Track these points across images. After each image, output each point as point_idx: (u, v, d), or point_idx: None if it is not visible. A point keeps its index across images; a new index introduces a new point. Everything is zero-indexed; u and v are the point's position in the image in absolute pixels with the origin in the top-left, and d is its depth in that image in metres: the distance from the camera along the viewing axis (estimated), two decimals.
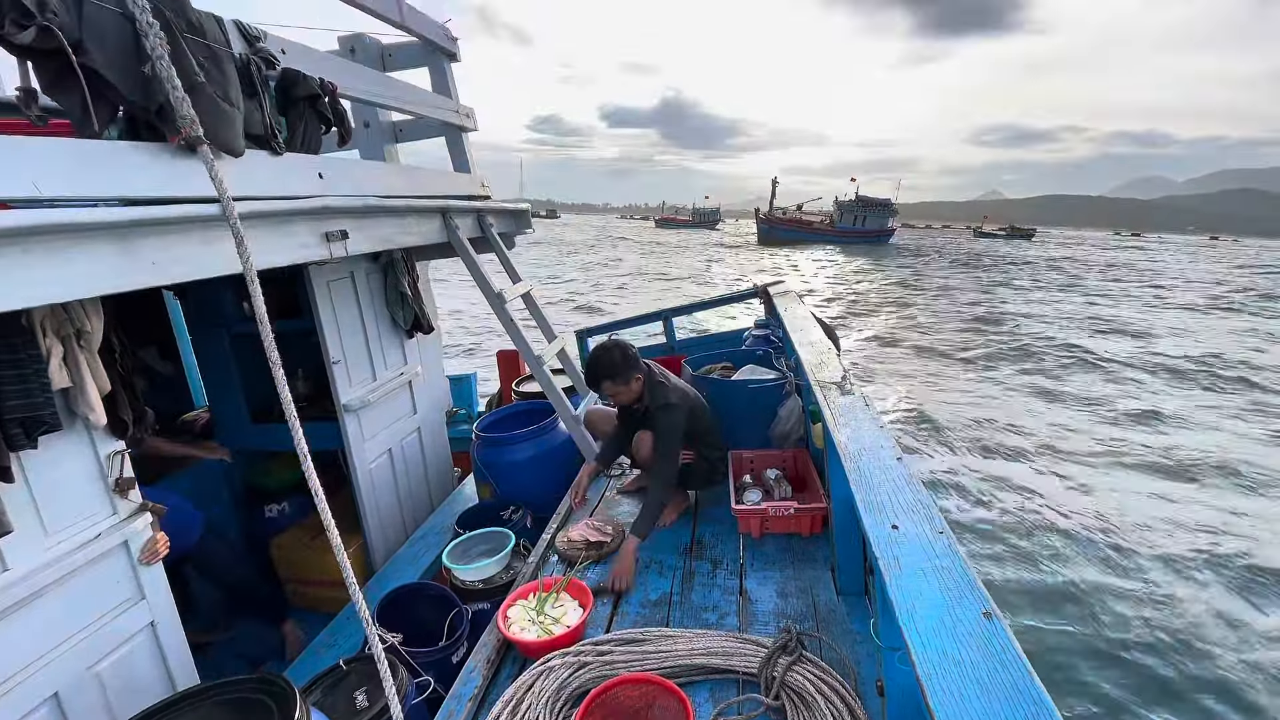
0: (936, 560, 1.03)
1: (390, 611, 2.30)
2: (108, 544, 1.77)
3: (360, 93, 2.44)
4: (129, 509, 1.85)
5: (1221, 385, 10.40)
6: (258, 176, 1.81)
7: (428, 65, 3.38)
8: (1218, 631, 4.30)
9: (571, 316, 15.65)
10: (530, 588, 2.07)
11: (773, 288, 4.29)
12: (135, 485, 1.87)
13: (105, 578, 1.79)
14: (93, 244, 1.36)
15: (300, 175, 1.99)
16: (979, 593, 0.94)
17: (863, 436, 1.61)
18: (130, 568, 1.86)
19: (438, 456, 3.75)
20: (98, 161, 1.39)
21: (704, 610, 2.03)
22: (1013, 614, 4.47)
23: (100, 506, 1.79)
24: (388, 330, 3.28)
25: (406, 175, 2.85)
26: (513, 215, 3.76)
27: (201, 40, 1.61)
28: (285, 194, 1.90)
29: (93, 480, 1.77)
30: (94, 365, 1.72)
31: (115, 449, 1.82)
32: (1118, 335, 14.64)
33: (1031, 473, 6.83)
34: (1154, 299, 21.79)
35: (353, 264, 2.99)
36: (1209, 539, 5.42)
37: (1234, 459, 7.05)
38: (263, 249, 1.81)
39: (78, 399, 1.67)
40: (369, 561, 3.13)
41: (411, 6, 2.85)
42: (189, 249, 1.57)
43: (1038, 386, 10.21)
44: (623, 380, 2.53)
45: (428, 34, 3.12)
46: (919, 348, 12.66)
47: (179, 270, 1.54)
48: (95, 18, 1.38)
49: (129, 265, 1.44)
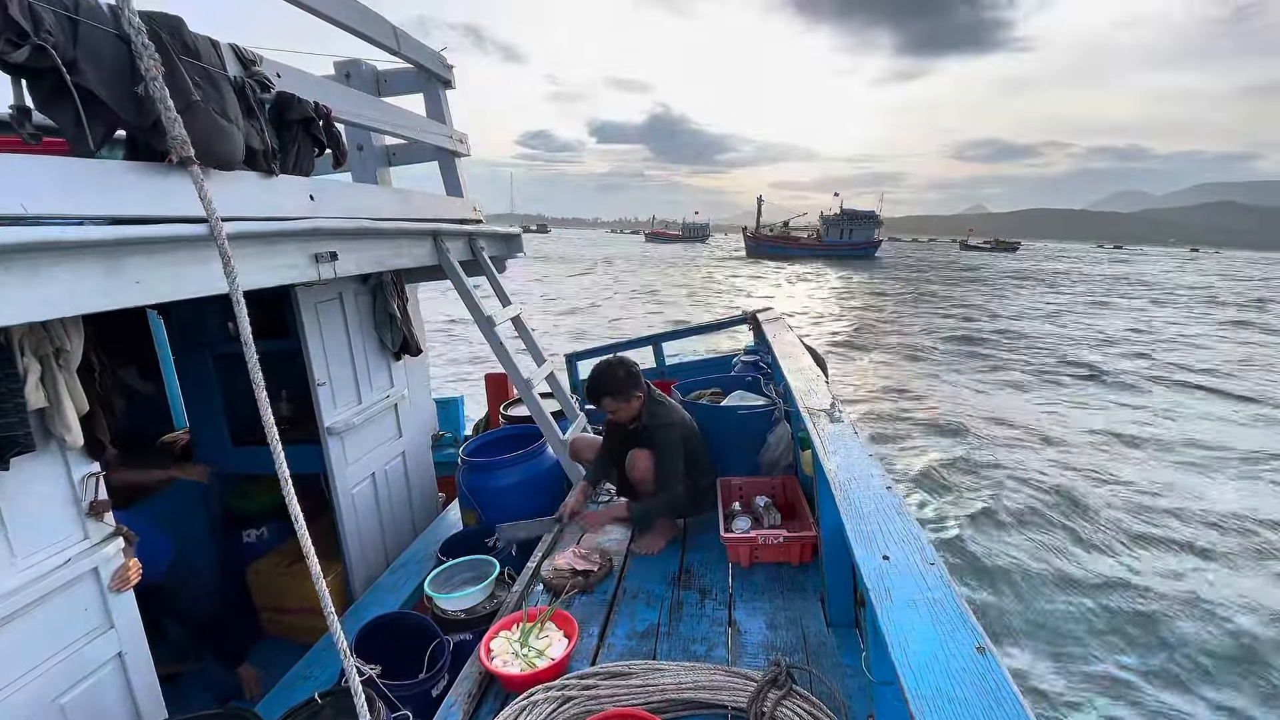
0: (929, 592, 1.02)
1: (369, 642, 2.23)
2: (78, 569, 1.71)
3: (354, 117, 2.46)
4: (102, 533, 1.80)
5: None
6: (249, 197, 1.81)
7: (423, 91, 3.42)
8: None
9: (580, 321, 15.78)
10: (514, 618, 2.02)
11: (762, 314, 4.32)
12: (110, 509, 1.82)
13: (74, 605, 1.73)
14: (77, 262, 1.34)
15: (292, 197, 1.98)
16: (972, 626, 0.93)
17: (853, 464, 1.60)
18: (100, 595, 1.80)
19: (422, 481, 3.70)
20: (87, 180, 1.38)
21: (692, 642, 2.00)
22: (1000, 642, 4.45)
23: (72, 530, 1.73)
24: (374, 352, 3.25)
25: (399, 198, 2.85)
26: (504, 239, 3.77)
27: (197, 63, 1.61)
28: (276, 215, 1.89)
29: (65, 503, 1.72)
30: (72, 385, 1.69)
31: (90, 471, 1.77)
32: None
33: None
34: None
35: (341, 285, 2.98)
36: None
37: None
38: (251, 269, 1.80)
39: (54, 419, 1.63)
40: (348, 589, 3.05)
41: (407, 35, 2.89)
42: (175, 268, 1.55)
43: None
44: (624, 397, 2.55)
45: (423, 61, 3.16)
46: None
47: (164, 290, 1.52)
48: (90, 38, 1.38)
49: (113, 284, 1.42)
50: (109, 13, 1.43)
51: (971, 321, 18.71)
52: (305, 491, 3.19)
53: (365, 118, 2.58)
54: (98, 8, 1.42)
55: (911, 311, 21.33)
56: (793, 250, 60.22)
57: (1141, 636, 4.52)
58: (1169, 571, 5.38)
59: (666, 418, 2.57)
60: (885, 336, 16.22)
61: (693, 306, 21.10)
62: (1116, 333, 17.44)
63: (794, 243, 61.99)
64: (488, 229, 3.52)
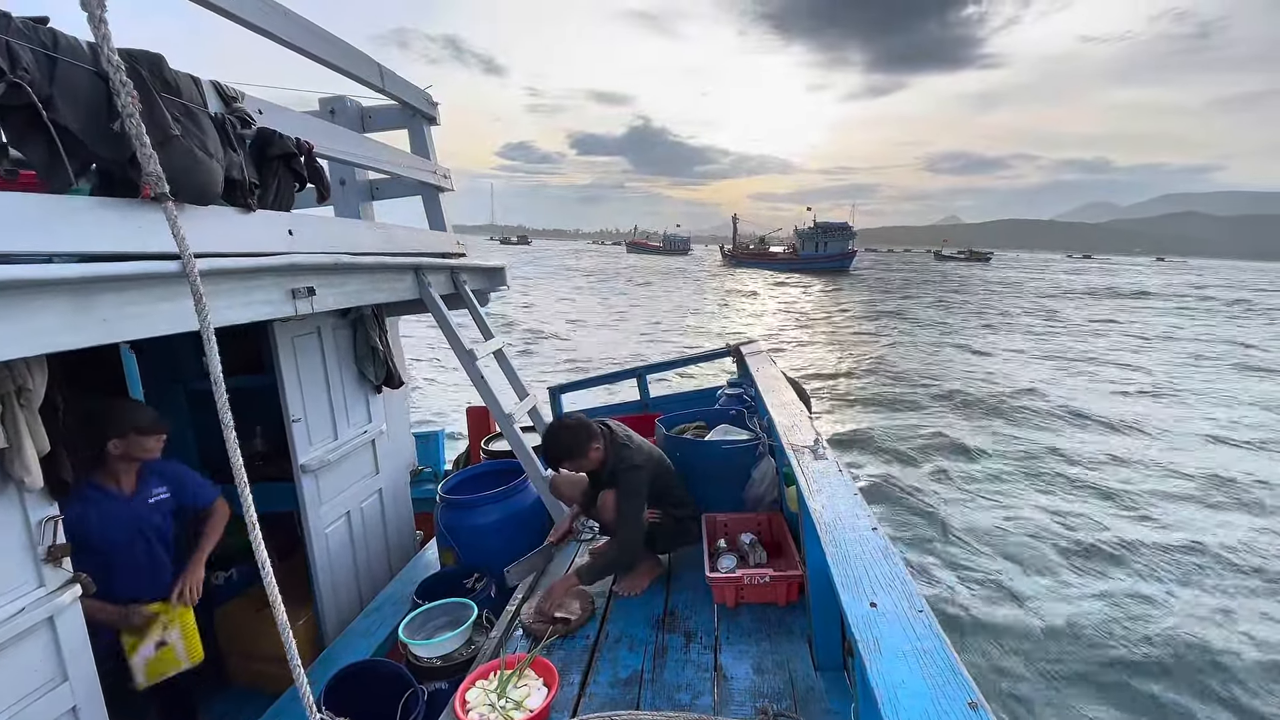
0: (918, 642, 1.00)
1: (339, 691, 2.14)
2: (32, 619, 1.63)
3: (337, 152, 2.46)
4: (59, 580, 1.72)
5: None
6: (226, 232, 1.78)
7: (407, 127, 3.44)
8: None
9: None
10: (491, 666, 1.94)
11: (745, 347, 4.33)
12: (69, 554, 1.74)
13: (26, 657, 1.64)
14: (43, 300, 1.31)
15: (270, 232, 1.96)
16: (963, 679, 0.91)
17: (838, 505, 1.59)
18: (54, 646, 1.71)
19: (399, 519, 3.60)
20: (58, 216, 1.35)
21: (677, 690, 1.93)
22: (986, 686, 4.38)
23: (26, 577, 1.65)
24: (353, 386, 3.19)
25: (380, 232, 2.84)
26: (486, 273, 3.77)
27: (177, 99, 1.61)
28: (254, 250, 1.87)
29: (21, 548, 1.64)
30: (33, 425, 1.63)
31: (49, 514, 1.70)
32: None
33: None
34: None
35: (320, 319, 2.94)
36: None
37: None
38: (224, 305, 1.76)
39: (13, 461, 1.57)
40: (320, 634, 2.94)
41: (392, 72, 2.91)
42: (146, 306, 1.51)
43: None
44: (579, 455, 2.51)
45: (407, 98, 3.19)
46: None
47: (133, 328, 1.48)
48: (68, 75, 1.37)
49: (80, 322, 1.38)
50: (88, 50, 1.42)
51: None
52: (277, 530, 3.10)
53: (348, 153, 2.58)
54: (77, 45, 1.41)
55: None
56: (770, 265, 61.45)
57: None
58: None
59: (631, 460, 2.51)
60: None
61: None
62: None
63: (771, 258, 63.27)
64: (470, 263, 3.51)
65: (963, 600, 5.42)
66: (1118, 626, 5.00)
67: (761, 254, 64.12)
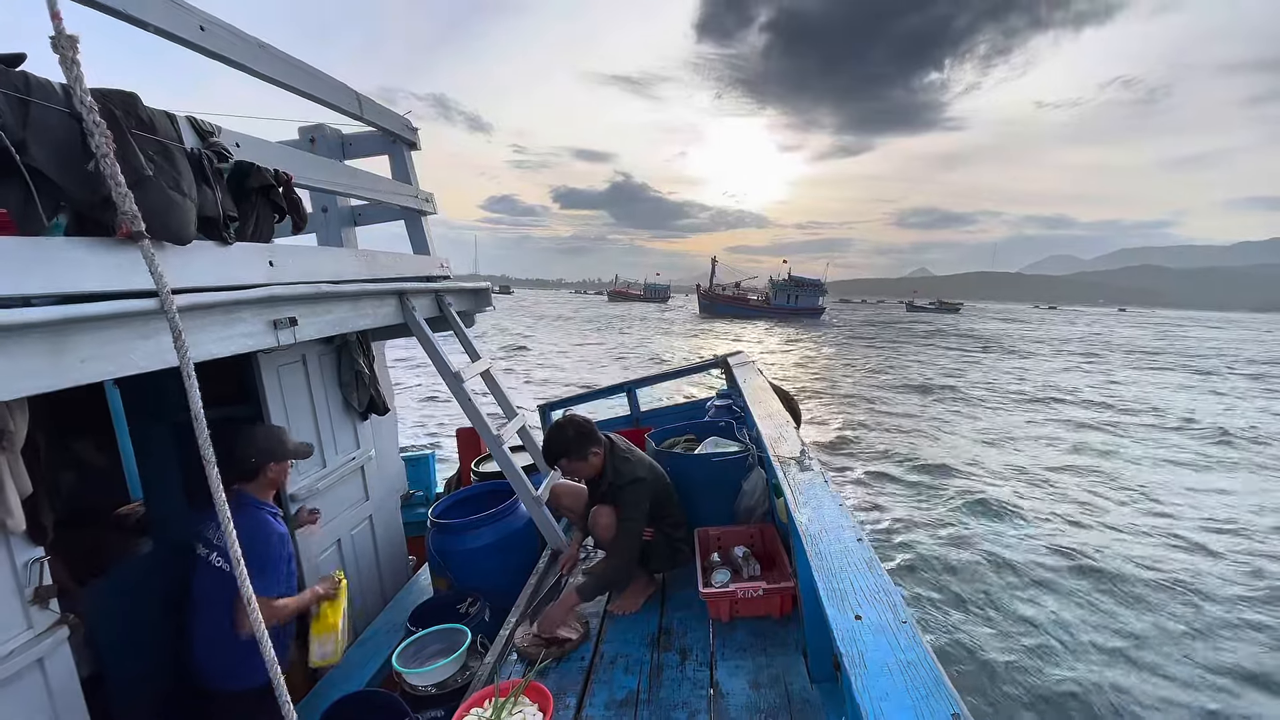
0: (902, 654, 1.00)
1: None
2: (21, 662, 1.61)
3: (318, 181, 2.47)
4: (46, 622, 1.70)
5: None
6: (205, 267, 1.78)
7: (388, 153, 3.46)
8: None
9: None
10: (486, 693, 1.93)
11: (732, 358, 4.35)
12: (55, 595, 1.72)
13: (16, 701, 1.61)
14: (19, 344, 1.30)
15: (250, 264, 1.96)
16: (946, 691, 0.91)
17: (823, 516, 1.60)
18: (44, 688, 1.68)
19: (391, 545, 3.58)
20: (33, 258, 1.35)
21: (673, 708, 1.92)
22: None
23: (13, 621, 1.63)
24: (339, 413, 3.18)
25: (363, 259, 2.85)
26: (472, 294, 3.77)
27: (152, 137, 1.61)
28: (234, 283, 1.87)
29: (7, 592, 1.62)
30: (15, 467, 1.62)
31: (34, 556, 1.68)
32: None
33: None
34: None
35: (305, 347, 2.93)
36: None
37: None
38: (205, 340, 1.76)
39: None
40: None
41: (370, 100, 2.94)
42: (124, 344, 1.51)
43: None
44: (579, 456, 2.51)
45: (386, 125, 3.21)
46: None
47: (111, 367, 1.48)
48: (41, 118, 1.38)
49: (59, 364, 1.38)
50: (61, 91, 1.43)
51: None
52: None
53: (329, 182, 2.59)
54: (49, 87, 1.42)
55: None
56: (744, 310, 63.44)
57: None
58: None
59: (632, 474, 2.51)
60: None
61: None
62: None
63: (745, 303, 64.75)
64: (455, 285, 3.52)
65: (951, 610, 5.42)
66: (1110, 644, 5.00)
67: (737, 298, 65.59)
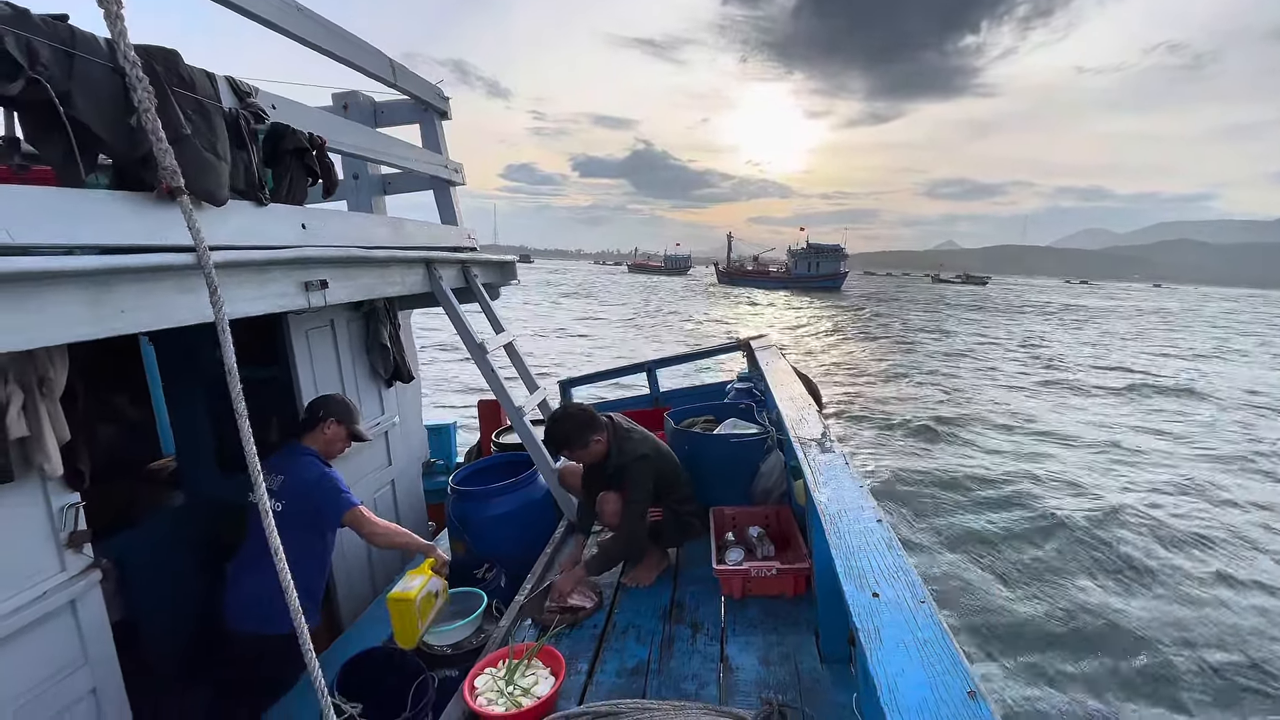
0: (919, 632, 1.00)
1: (352, 677, 2.18)
2: (54, 603, 1.67)
3: (350, 147, 2.48)
4: (80, 565, 1.76)
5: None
6: (241, 226, 1.81)
7: (419, 121, 3.46)
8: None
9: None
10: (500, 654, 1.97)
11: (755, 341, 4.32)
12: (89, 540, 1.78)
13: (48, 640, 1.68)
14: (63, 291, 1.34)
15: (283, 225, 1.99)
16: (962, 669, 0.91)
17: (843, 497, 1.59)
18: (75, 630, 1.75)
19: (412, 510, 3.65)
20: (75, 209, 1.38)
21: (683, 679, 1.95)
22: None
23: (48, 563, 1.69)
24: (365, 379, 3.23)
25: (392, 226, 2.87)
26: (498, 267, 3.79)
27: (191, 95, 1.63)
28: (267, 244, 1.89)
29: (43, 535, 1.69)
30: (54, 414, 1.67)
31: (70, 501, 1.74)
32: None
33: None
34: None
35: (333, 312, 2.97)
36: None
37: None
38: (239, 297, 1.79)
39: (35, 449, 1.61)
40: (335, 621, 2.99)
41: (404, 68, 2.94)
42: (163, 298, 1.54)
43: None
44: (581, 445, 2.52)
45: (419, 93, 3.21)
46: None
47: (150, 319, 1.51)
48: (85, 71, 1.40)
49: (99, 313, 1.41)
50: (105, 46, 1.44)
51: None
52: None
53: (361, 148, 2.60)
54: (94, 41, 1.44)
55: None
56: (763, 283, 62.33)
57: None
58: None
59: (635, 451, 2.52)
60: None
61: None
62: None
63: (764, 275, 64.07)
64: (482, 256, 3.53)
65: (976, 591, 5.39)
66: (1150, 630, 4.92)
67: (755, 272, 65.00)
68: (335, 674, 2.20)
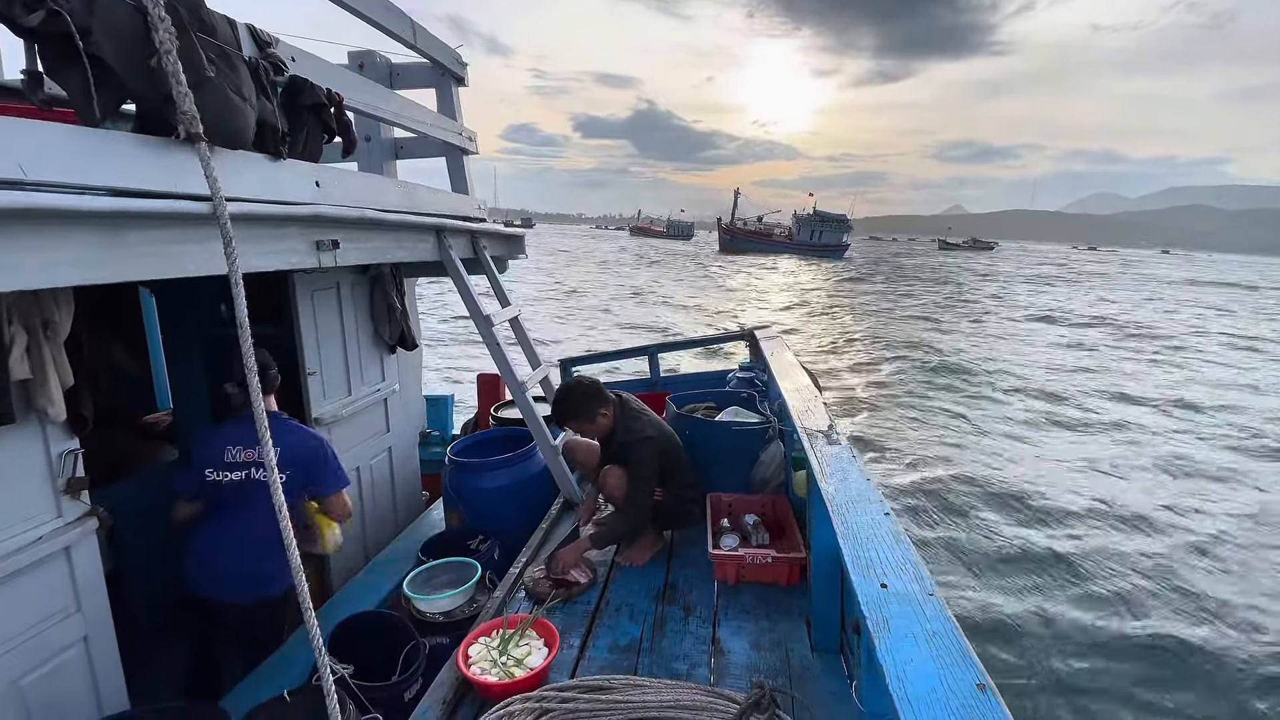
0: (928, 624, 1.00)
1: (342, 640, 2.18)
2: (49, 548, 1.66)
3: (366, 106, 2.44)
4: (76, 512, 1.75)
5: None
6: (255, 179, 1.78)
7: (435, 86, 3.40)
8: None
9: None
10: (494, 624, 1.98)
11: (759, 331, 4.31)
12: (87, 487, 1.77)
13: (42, 586, 1.67)
14: (75, 232, 1.31)
15: (298, 181, 1.95)
16: (972, 662, 0.91)
17: (850, 488, 1.59)
18: (69, 577, 1.75)
19: (407, 478, 3.64)
20: (92, 149, 1.35)
21: (674, 659, 1.96)
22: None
23: (45, 508, 1.68)
24: (368, 344, 3.21)
25: (404, 191, 2.83)
26: (506, 239, 3.75)
27: (213, 39, 1.59)
28: (281, 199, 1.86)
29: (41, 479, 1.67)
30: (58, 357, 1.65)
31: (69, 447, 1.73)
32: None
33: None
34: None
35: (340, 274, 2.94)
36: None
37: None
38: (252, 252, 1.76)
39: (37, 392, 1.59)
40: (325, 583, 2.99)
41: (424, 29, 2.88)
42: (175, 246, 1.51)
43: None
44: (587, 418, 2.55)
45: (437, 56, 3.15)
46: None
47: (162, 266, 1.49)
48: (107, 6, 1.36)
49: (111, 257, 1.38)
50: None
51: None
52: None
53: (376, 108, 2.55)
54: None
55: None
56: (765, 245, 62.84)
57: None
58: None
59: (642, 432, 2.54)
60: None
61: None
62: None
63: (767, 237, 63.98)
64: (491, 228, 3.49)
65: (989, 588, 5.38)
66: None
67: (759, 233, 64.83)
68: (326, 636, 2.20)
